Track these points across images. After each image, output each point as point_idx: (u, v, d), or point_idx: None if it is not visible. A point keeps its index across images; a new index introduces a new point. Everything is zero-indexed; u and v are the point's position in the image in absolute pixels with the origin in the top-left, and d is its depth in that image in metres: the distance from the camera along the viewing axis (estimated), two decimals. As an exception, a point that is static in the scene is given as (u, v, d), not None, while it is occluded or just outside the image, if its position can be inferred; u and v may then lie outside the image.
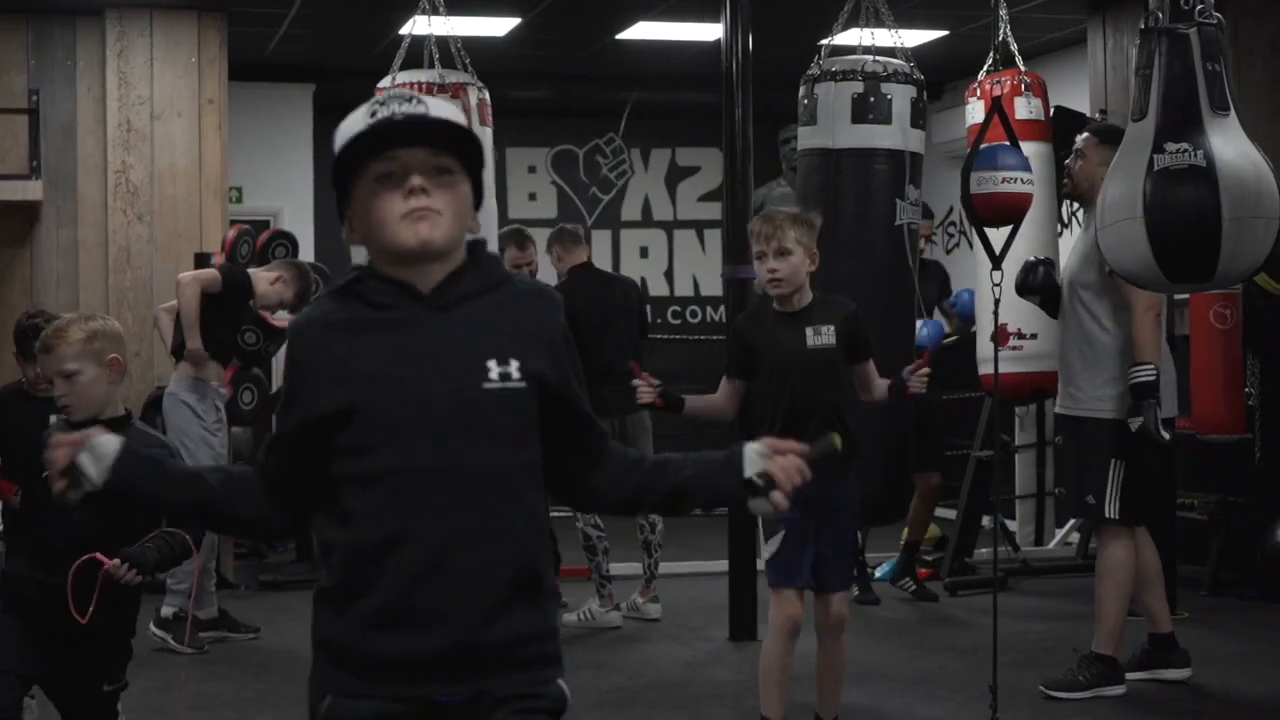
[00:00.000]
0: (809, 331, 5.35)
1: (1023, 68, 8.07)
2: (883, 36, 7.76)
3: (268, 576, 9.55)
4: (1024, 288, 6.65)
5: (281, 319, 9.53)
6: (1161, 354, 6.48)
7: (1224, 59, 5.05)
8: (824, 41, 7.56)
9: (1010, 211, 5.88)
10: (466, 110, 7.80)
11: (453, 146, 2.54)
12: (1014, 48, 8.24)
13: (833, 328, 5.35)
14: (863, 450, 5.38)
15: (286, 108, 12.45)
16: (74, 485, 2.56)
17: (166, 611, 7.55)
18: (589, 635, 8.03)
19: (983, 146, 5.91)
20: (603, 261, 14.11)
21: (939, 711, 6.32)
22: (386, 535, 2.48)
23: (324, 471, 2.56)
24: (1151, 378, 6.17)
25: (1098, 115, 10.00)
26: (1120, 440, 6.38)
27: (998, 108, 5.94)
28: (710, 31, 11.30)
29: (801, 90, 7.29)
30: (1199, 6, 5.02)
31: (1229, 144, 4.95)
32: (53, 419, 4.71)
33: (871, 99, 6.99)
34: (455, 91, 7.74)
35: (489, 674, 2.51)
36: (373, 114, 2.51)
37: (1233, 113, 5.01)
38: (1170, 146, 4.91)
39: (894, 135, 7.00)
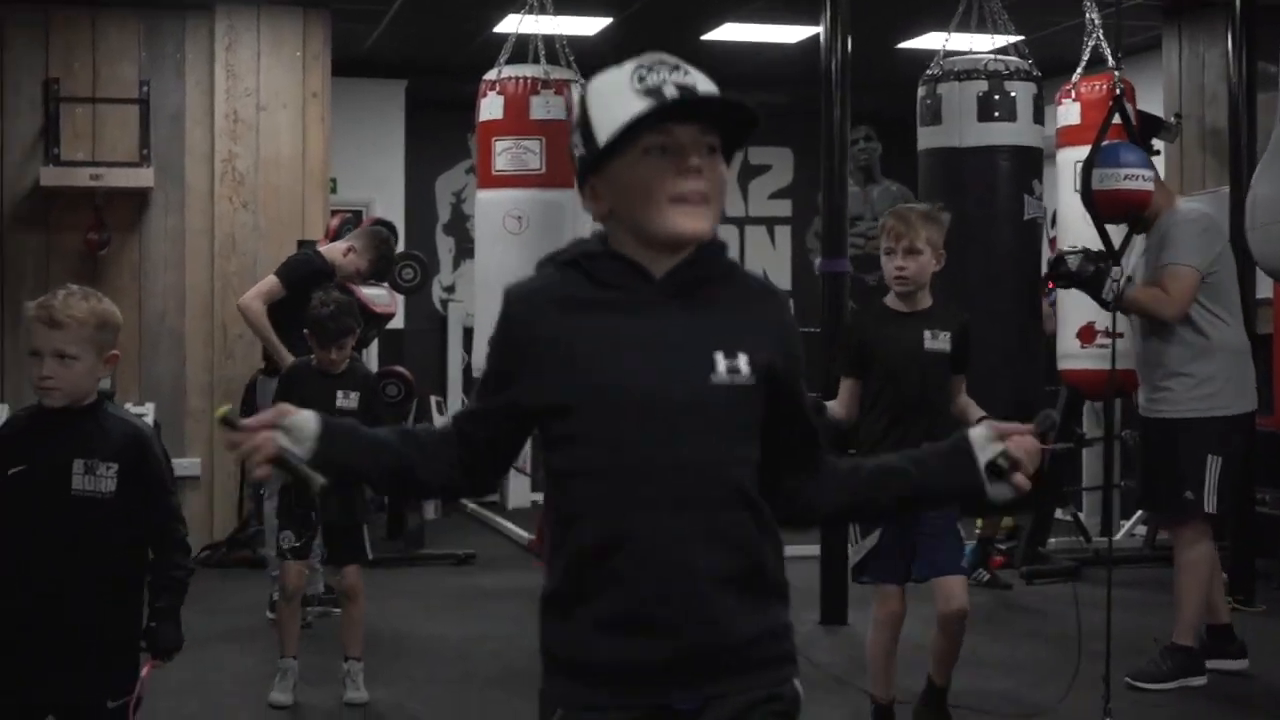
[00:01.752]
0: (927, 334, 5.18)
1: (1116, 72, 7.92)
2: (960, 41, 7.69)
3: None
4: (1055, 276, 6.49)
5: (382, 305, 9.47)
6: (1236, 347, 6.44)
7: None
8: (944, 43, 7.44)
9: (1131, 208, 5.79)
10: (569, 106, 7.71)
11: (719, 125, 2.31)
12: (1106, 51, 8.12)
13: (949, 334, 5.19)
14: None
15: (380, 102, 12.44)
16: (278, 469, 2.33)
17: None
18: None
19: (1105, 144, 5.78)
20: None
21: (1048, 698, 6.20)
22: (609, 535, 2.29)
23: (544, 462, 2.40)
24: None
25: (1173, 119, 9.86)
26: (1217, 437, 6.31)
27: (1119, 106, 5.82)
28: (791, 33, 11.25)
29: (922, 91, 7.15)
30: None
31: (1390, 144, 4.79)
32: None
33: (996, 97, 6.85)
34: (559, 88, 7.67)
35: (723, 677, 2.32)
36: (640, 80, 2.26)
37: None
38: (1326, 145, 4.75)
39: (1019, 132, 6.85)
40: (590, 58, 7.95)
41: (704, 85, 2.30)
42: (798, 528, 2.49)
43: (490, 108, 7.66)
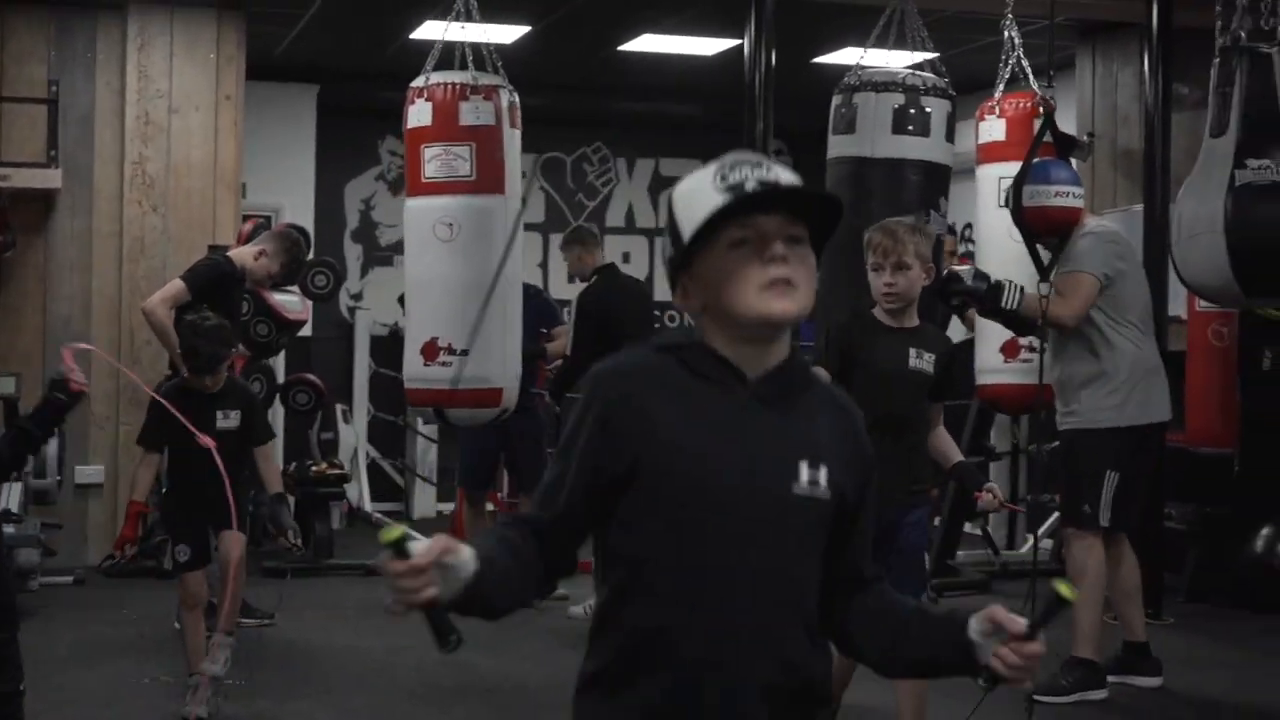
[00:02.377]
0: (912, 352, 5.03)
1: (1038, 90, 7.94)
2: (876, 56, 7.68)
3: (271, 563, 9.28)
4: (951, 294, 6.46)
5: (294, 311, 9.31)
6: (1144, 361, 6.46)
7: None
8: (860, 57, 7.40)
9: (1061, 226, 5.76)
10: (498, 112, 7.59)
11: (804, 215, 2.32)
12: (1027, 69, 8.13)
13: (934, 357, 5.05)
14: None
15: (291, 107, 12.22)
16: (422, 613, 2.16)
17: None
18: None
19: (1035, 161, 5.76)
20: (586, 265, 13.98)
21: (963, 710, 6.15)
22: (666, 626, 2.27)
23: (600, 538, 2.35)
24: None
25: (1086, 138, 9.90)
26: (1115, 451, 6.36)
27: (1049, 123, 5.80)
28: (708, 46, 11.22)
29: (837, 99, 7.10)
30: (1280, 26, 4.91)
31: (1310, 163, 4.82)
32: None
33: (912, 111, 6.81)
34: (488, 93, 7.54)
35: None
36: (722, 178, 2.29)
37: (1315, 130, 4.89)
38: (1252, 163, 4.79)
39: (931, 147, 6.82)
40: (510, 65, 7.88)
41: (787, 178, 2.31)
42: (840, 651, 2.48)
43: (418, 115, 7.51)
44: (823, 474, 2.32)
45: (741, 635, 2.26)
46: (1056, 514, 8.17)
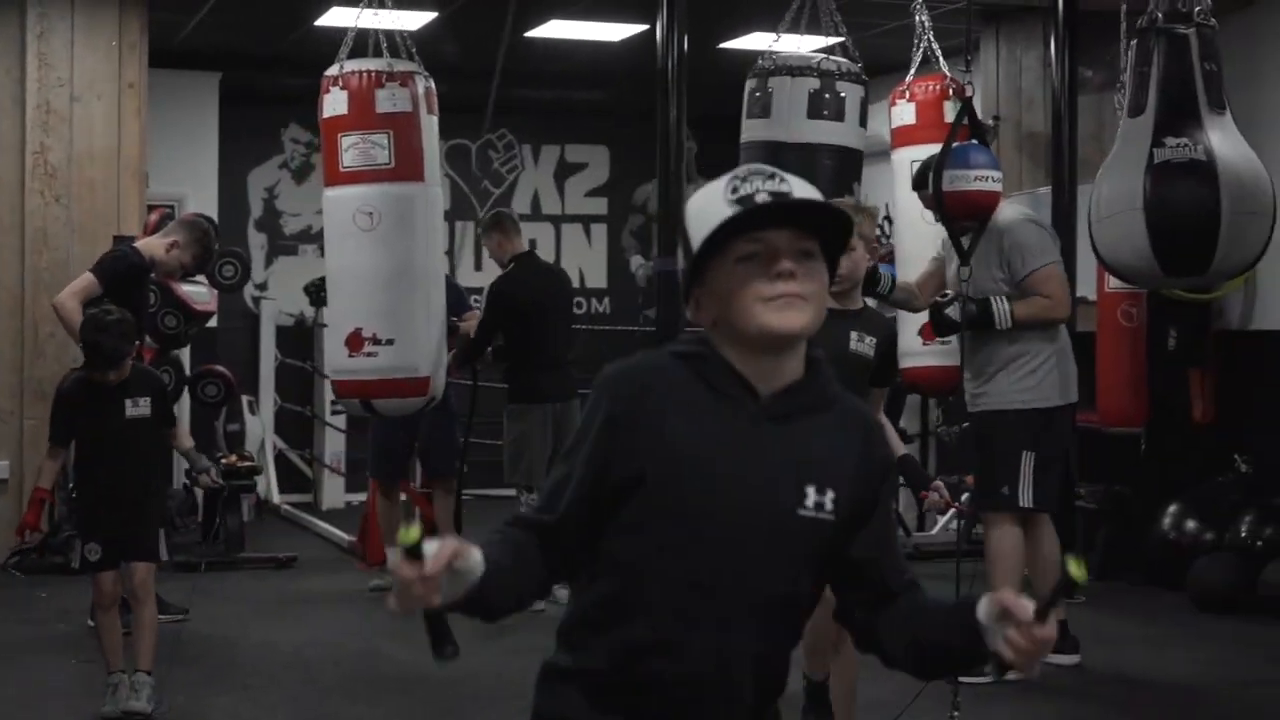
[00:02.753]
0: (854, 335, 4.94)
1: (948, 73, 7.99)
2: (787, 41, 7.68)
3: (181, 557, 9.16)
4: (942, 329, 6.51)
5: (203, 302, 9.17)
6: (1060, 343, 6.53)
7: (1220, 59, 4.96)
8: (772, 42, 7.39)
9: (980, 209, 5.77)
10: (414, 99, 7.50)
11: (816, 230, 2.29)
12: (938, 52, 8.17)
13: (875, 341, 4.97)
14: None
15: (193, 94, 11.97)
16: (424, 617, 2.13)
17: None
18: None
19: (955, 145, 5.78)
20: (493, 252, 13.90)
21: (887, 694, 6.18)
22: (662, 638, 2.25)
23: (594, 539, 2.30)
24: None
25: (991, 121, 9.97)
26: (1031, 431, 6.40)
27: (968, 109, 5.82)
28: (615, 31, 11.17)
29: (752, 83, 7.07)
30: (1197, 8, 4.94)
31: (1227, 141, 4.86)
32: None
33: (827, 95, 6.79)
34: (404, 80, 7.46)
35: None
36: (733, 190, 2.26)
37: (1229, 112, 4.92)
38: (1170, 141, 4.81)
39: (845, 133, 6.81)
40: (417, 52, 7.78)
41: (800, 192, 2.28)
42: (863, 651, 2.46)
43: (334, 103, 7.39)
44: (829, 497, 2.29)
45: (736, 652, 2.27)
46: (966, 495, 8.24)
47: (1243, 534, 8.24)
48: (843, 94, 6.86)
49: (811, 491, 2.28)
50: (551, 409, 8.03)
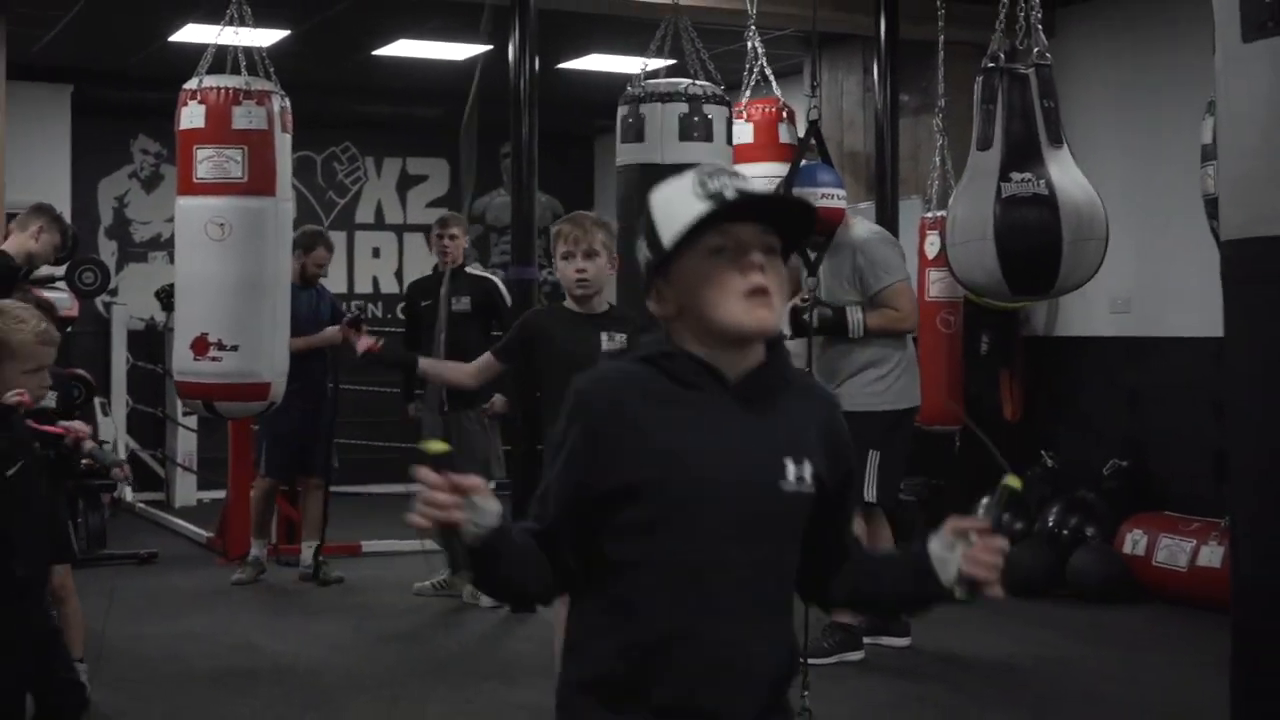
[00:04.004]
0: (604, 336, 5.05)
1: (780, 95, 8.10)
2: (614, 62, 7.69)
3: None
4: (801, 332, 6.61)
5: (65, 308, 8.93)
6: (905, 350, 6.72)
7: (1056, 96, 5.12)
8: (644, 66, 7.40)
9: (827, 225, 5.87)
10: (270, 117, 7.41)
11: (777, 227, 2.26)
12: (770, 75, 8.28)
13: (625, 336, 5.07)
14: None
15: (46, 106, 11.68)
16: (442, 538, 2.08)
17: None
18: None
19: (803, 164, 5.87)
20: (338, 261, 13.76)
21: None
22: (671, 629, 2.21)
23: (589, 548, 2.26)
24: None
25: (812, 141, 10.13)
26: (878, 432, 6.53)
27: (815, 131, 5.91)
28: (459, 51, 11.11)
29: (624, 110, 7.07)
30: (1035, 49, 5.08)
31: (1065, 174, 5.01)
32: None
33: (695, 118, 6.82)
34: (260, 99, 7.35)
35: None
36: (702, 186, 2.22)
37: (1066, 145, 5.07)
38: (1015, 175, 4.94)
39: (715, 152, 6.83)
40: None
41: (762, 190, 2.29)
42: (808, 602, 2.48)
43: (191, 116, 7.26)
44: (807, 469, 2.28)
45: (745, 632, 2.23)
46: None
47: (1050, 524, 8.47)
48: (710, 116, 6.87)
49: (791, 466, 2.27)
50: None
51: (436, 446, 2.05)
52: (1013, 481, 2.24)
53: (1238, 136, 2.94)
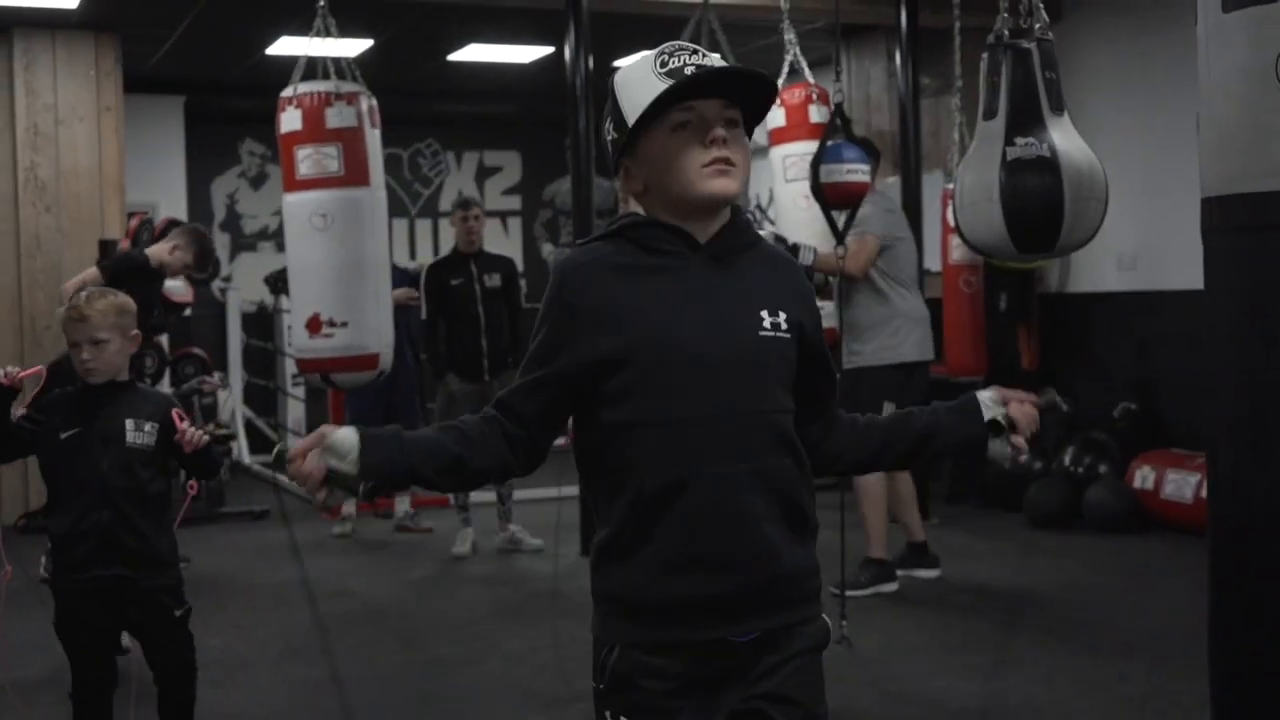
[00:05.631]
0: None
1: (812, 80, 7.96)
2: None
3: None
4: None
5: (180, 295, 8.94)
6: (913, 311, 6.60)
7: (1058, 68, 4.96)
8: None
9: (854, 198, 5.75)
10: (360, 115, 7.36)
11: (739, 100, 2.12)
12: (803, 64, 8.13)
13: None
14: None
15: (162, 115, 11.74)
16: (332, 489, 2.07)
17: None
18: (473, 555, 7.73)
19: (829, 143, 5.74)
20: (424, 243, 13.77)
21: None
22: (669, 481, 2.06)
23: (587, 420, 2.13)
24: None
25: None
26: (892, 383, 6.46)
27: (839, 113, 5.78)
28: (525, 54, 11.03)
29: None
30: (1037, 25, 4.93)
31: (1067, 139, 4.86)
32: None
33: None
34: (350, 99, 7.30)
35: (777, 610, 2.12)
36: (662, 64, 2.07)
37: (1067, 113, 4.92)
38: (1019, 140, 4.79)
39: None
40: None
41: (722, 65, 2.11)
42: (818, 474, 2.26)
43: (289, 120, 7.24)
44: (782, 318, 2.15)
45: (740, 477, 2.08)
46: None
47: (1067, 463, 8.32)
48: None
49: (765, 314, 2.14)
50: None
51: (278, 449, 2.08)
52: (1051, 395, 2.25)
53: (1217, 103, 2.84)
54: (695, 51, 2.10)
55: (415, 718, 4.99)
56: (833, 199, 5.79)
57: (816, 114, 7.68)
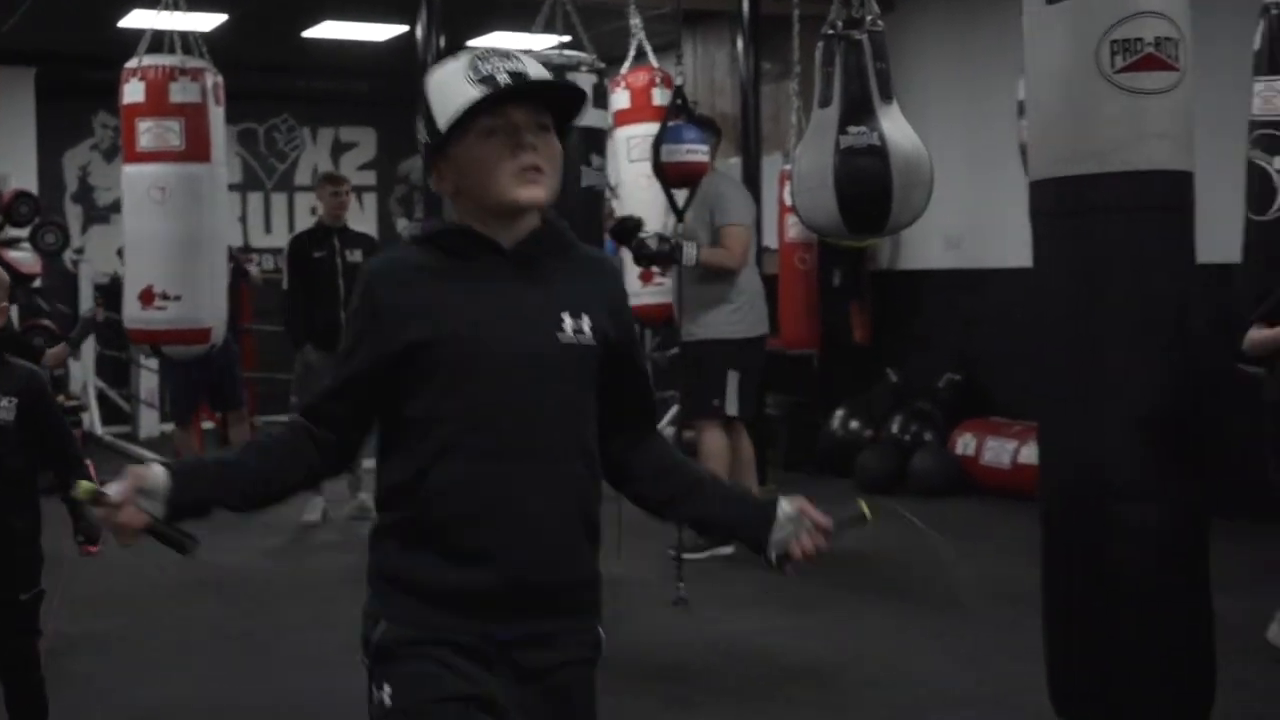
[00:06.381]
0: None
1: (656, 65, 7.90)
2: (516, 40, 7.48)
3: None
4: (641, 258, 6.50)
5: (27, 265, 8.61)
6: (754, 286, 6.62)
7: (888, 58, 4.97)
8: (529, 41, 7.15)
9: (692, 176, 5.72)
10: (204, 91, 7.14)
11: (550, 105, 2.07)
12: (648, 49, 8.07)
13: None
14: None
15: (12, 87, 11.29)
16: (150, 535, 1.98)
17: None
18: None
19: (670, 124, 5.69)
20: (280, 217, 13.43)
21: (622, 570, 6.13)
22: (461, 478, 2.01)
23: (389, 413, 2.07)
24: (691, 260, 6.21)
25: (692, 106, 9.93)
26: (735, 356, 6.47)
27: (680, 94, 5.73)
28: (379, 32, 10.79)
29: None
30: (868, 17, 4.92)
31: (896, 127, 4.88)
32: None
33: (563, 85, 6.61)
34: (195, 75, 7.08)
35: (550, 615, 2.07)
36: (475, 70, 2.01)
37: (895, 102, 4.93)
38: (852, 129, 4.81)
39: (588, 116, 6.61)
40: (211, 49, 7.41)
41: (535, 71, 2.06)
42: (614, 487, 2.20)
43: (133, 92, 7.03)
44: (585, 322, 2.08)
45: (531, 479, 2.03)
46: (675, 407, 8.27)
47: (894, 431, 8.43)
48: (581, 84, 6.65)
49: (568, 319, 2.07)
50: None
51: (84, 491, 1.92)
52: (867, 511, 2.11)
53: (1042, 91, 2.86)
54: (509, 56, 2.06)
55: (264, 678, 4.86)
56: (673, 178, 5.76)
57: (659, 97, 7.64)
